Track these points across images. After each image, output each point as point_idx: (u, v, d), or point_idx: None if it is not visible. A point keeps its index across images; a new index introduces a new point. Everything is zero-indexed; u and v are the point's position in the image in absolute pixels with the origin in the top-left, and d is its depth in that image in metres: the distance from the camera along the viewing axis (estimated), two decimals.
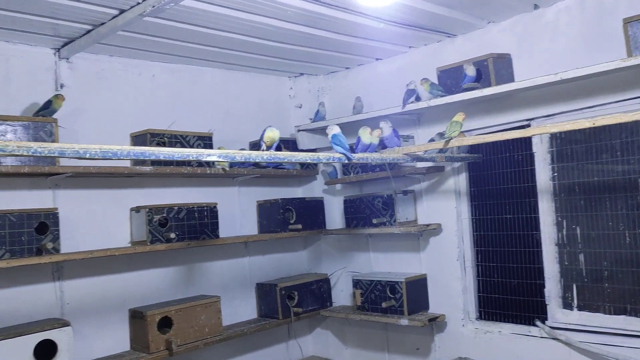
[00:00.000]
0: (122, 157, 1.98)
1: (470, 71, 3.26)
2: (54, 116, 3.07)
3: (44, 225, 2.97)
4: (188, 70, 3.89)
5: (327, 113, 4.25)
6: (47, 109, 3.03)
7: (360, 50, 3.88)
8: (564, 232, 3.30)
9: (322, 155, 2.72)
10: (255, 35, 3.37)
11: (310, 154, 2.65)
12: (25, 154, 1.76)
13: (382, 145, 3.21)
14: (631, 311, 3.05)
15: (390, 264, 4.12)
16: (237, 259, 4.09)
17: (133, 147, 2.02)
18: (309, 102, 4.50)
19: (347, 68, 4.35)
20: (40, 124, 2.98)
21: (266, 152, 2.50)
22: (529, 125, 3.32)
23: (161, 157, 2.10)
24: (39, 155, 1.80)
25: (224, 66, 4.03)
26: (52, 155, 1.83)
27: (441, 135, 3.51)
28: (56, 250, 2.98)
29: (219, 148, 3.46)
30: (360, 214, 3.98)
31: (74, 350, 2.98)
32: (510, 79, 3.31)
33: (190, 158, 2.20)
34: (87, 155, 1.89)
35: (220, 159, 2.32)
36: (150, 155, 2.07)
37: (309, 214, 4.21)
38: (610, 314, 3.12)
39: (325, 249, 4.51)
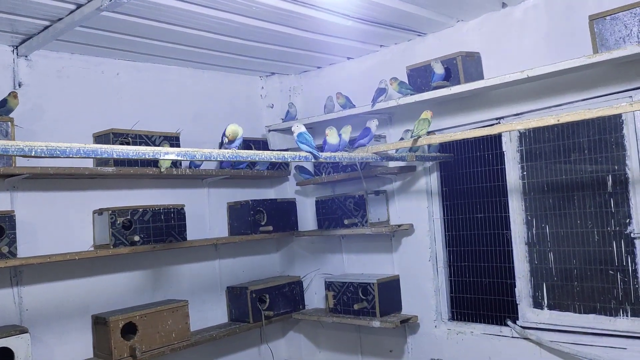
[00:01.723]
0: (71, 155, 1.89)
1: (438, 69, 3.23)
2: (11, 115, 2.96)
3: (0, 228, 2.85)
4: (154, 68, 3.80)
5: (299, 113, 4.20)
6: (3, 107, 2.92)
7: (331, 49, 3.83)
8: (534, 231, 3.29)
9: (287, 154, 2.66)
10: (223, 33, 3.31)
11: (275, 152, 2.59)
12: None
13: (354, 144, 3.18)
14: (600, 310, 3.04)
15: (363, 266, 4.07)
16: (207, 262, 4.00)
17: (84, 145, 1.93)
18: (281, 102, 4.44)
19: (319, 67, 4.30)
20: None
21: (229, 150, 2.43)
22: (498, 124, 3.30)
23: (114, 156, 2.02)
24: None
25: (193, 65, 3.95)
26: None
27: (407, 131, 3.49)
28: (12, 254, 2.87)
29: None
30: (332, 214, 3.93)
31: (32, 358, 2.86)
32: (480, 77, 3.29)
33: (147, 157, 2.12)
34: (33, 153, 1.79)
35: (180, 158, 2.24)
36: (102, 153, 1.98)
37: (281, 216, 4.14)
38: (580, 312, 3.12)
39: (297, 251, 4.44)
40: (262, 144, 4.19)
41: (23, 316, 3.09)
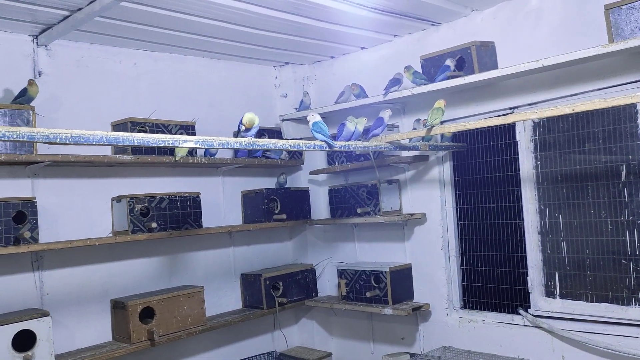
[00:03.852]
0: (94, 143, 1.94)
1: (450, 62, 3.25)
2: (32, 104, 3.02)
3: (22, 214, 2.93)
4: (171, 58, 3.85)
5: (313, 102, 4.23)
6: (24, 96, 2.98)
7: (345, 39, 3.85)
8: (547, 221, 3.30)
9: (302, 143, 2.69)
10: (238, 23, 3.34)
11: (290, 141, 2.62)
12: None
13: (367, 134, 3.21)
14: (613, 299, 3.06)
15: (375, 254, 4.11)
16: (221, 249, 4.07)
17: (106, 132, 1.98)
18: (295, 92, 4.47)
19: (333, 57, 4.32)
20: (17, 112, 2.93)
21: (245, 139, 2.47)
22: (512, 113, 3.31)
23: (135, 143, 2.07)
24: (7, 139, 1.76)
25: (208, 55, 3.99)
26: (21, 139, 1.79)
27: (418, 121, 3.52)
28: (34, 239, 2.94)
29: None
30: (345, 203, 3.97)
31: (53, 340, 2.95)
32: (494, 66, 3.29)
33: (166, 144, 2.17)
34: (58, 140, 1.85)
35: (198, 145, 2.28)
36: (124, 140, 2.04)
37: (294, 204, 4.19)
38: (592, 301, 3.13)
39: (310, 239, 4.50)
40: (275, 133, 4.23)
41: (44, 300, 3.18)
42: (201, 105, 3.99)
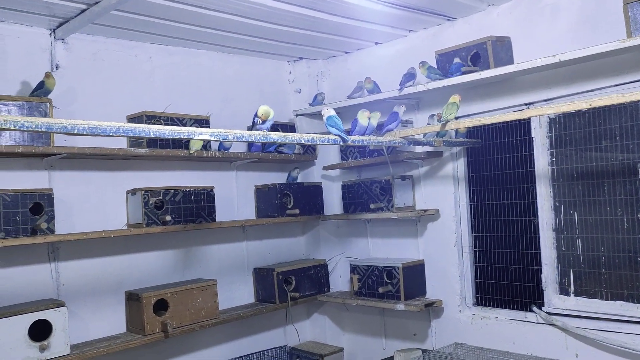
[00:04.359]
0: (111, 134, 1.96)
1: (457, 59, 3.24)
2: (49, 97, 3.06)
3: (39, 205, 2.97)
4: (185, 52, 3.87)
5: (327, 98, 4.22)
6: (41, 89, 3.02)
7: (359, 33, 3.84)
8: (562, 218, 3.27)
9: (317, 137, 2.70)
10: (253, 17, 3.35)
11: (305, 135, 2.63)
12: (12, 127, 1.74)
13: (381, 129, 3.20)
14: (628, 297, 3.02)
15: (388, 250, 4.11)
16: (234, 244, 4.09)
17: (122, 124, 2.00)
18: (308, 87, 4.47)
19: (347, 52, 4.31)
20: (35, 104, 2.97)
21: (260, 132, 2.48)
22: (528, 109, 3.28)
23: (152, 135, 2.08)
24: (26, 129, 1.78)
25: (222, 49, 4.00)
26: (40, 130, 1.81)
27: (433, 116, 3.50)
28: (51, 230, 2.98)
29: None
30: (358, 199, 3.97)
31: (69, 330, 2.98)
32: (510, 62, 3.27)
33: (182, 136, 2.18)
34: (75, 131, 1.87)
35: (213, 138, 2.30)
36: (140, 132, 2.05)
37: (307, 199, 4.19)
38: (607, 299, 3.10)
39: (323, 234, 4.50)
40: (289, 129, 4.23)
41: (60, 291, 3.22)
42: (215, 99, 4.00)
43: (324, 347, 4.30)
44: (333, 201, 4.37)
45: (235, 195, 4.09)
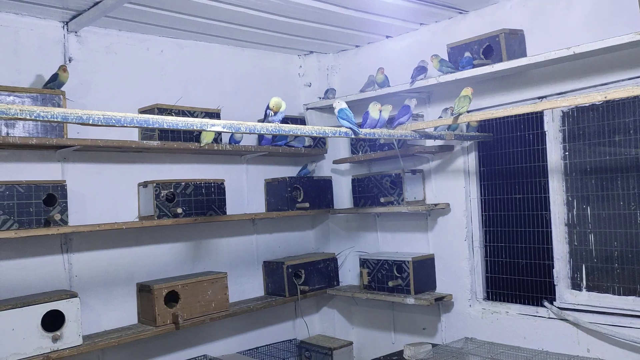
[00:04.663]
0: (125, 125, 1.98)
1: (467, 54, 3.23)
2: (62, 89, 3.08)
3: (52, 197, 2.99)
4: (197, 46, 3.87)
5: (337, 93, 4.22)
6: (54, 81, 3.04)
7: (370, 27, 3.83)
8: (574, 212, 3.25)
9: (328, 129, 2.69)
10: (264, 10, 3.34)
11: (316, 127, 2.62)
12: (27, 117, 1.76)
13: (393, 122, 3.19)
14: None
15: (398, 244, 4.10)
16: (244, 237, 4.10)
17: (136, 115, 2.01)
18: (319, 81, 4.47)
19: (357, 46, 4.30)
20: (49, 96, 2.99)
21: (272, 124, 2.48)
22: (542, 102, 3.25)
23: (165, 126, 2.09)
24: (41, 119, 1.79)
25: (233, 43, 4.01)
26: (55, 120, 1.83)
27: (446, 110, 3.48)
28: (64, 222, 3.00)
29: None
30: (368, 193, 3.96)
31: (81, 321, 3.01)
32: (523, 55, 3.24)
33: (195, 127, 2.19)
34: (90, 121, 1.89)
35: (225, 130, 2.30)
36: (154, 123, 2.06)
37: (317, 193, 4.19)
38: (619, 294, 3.08)
39: (333, 228, 4.50)
40: (299, 122, 4.23)
41: (72, 281, 3.25)
42: (226, 93, 4.01)
43: (333, 340, 4.30)
44: (343, 195, 4.37)
45: (245, 188, 4.10)
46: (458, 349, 3.48)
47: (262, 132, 2.50)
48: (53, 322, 2.92)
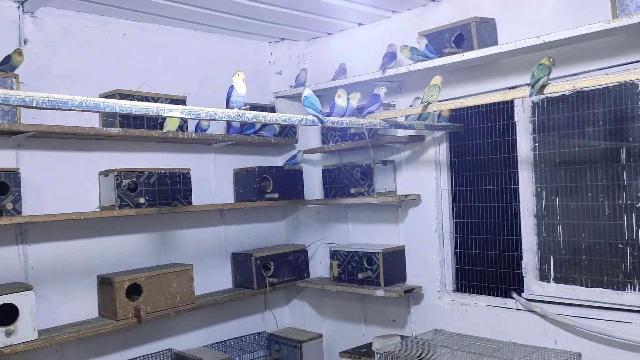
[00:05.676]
0: (73, 108, 1.87)
1: (422, 45, 3.20)
2: (16, 72, 2.92)
3: (4, 185, 2.85)
4: (161, 30, 3.74)
5: (308, 80, 4.12)
6: (7, 64, 2.88)
7: (342, 13, 3.74)
8: (543, 204, 3.23)
9: (294, 117, 2.62)
10: None
11: (281, 115, 2.54)
12: None
13: (362, 111, 3.13)
14: (608, 283, 3.00)
15: (368, 235, 4.05)
16: (212, 228, 4.00)
17: (86, 98, 1.90)
18: (290, 69, 4.37)
19: (329, 34, 4.21)
20: (0, 80, 2.83)
21: (233, 110, 2.39)
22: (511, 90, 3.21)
23: (117, 110, 1.99)
24: None
25: (201, 27, 3.88)
26: None
27: (418, 99, 3.43)
28: (17, 211, 2.86)
29: None
30: (339, 184, 3.90)
31: (37, 315, 2.89)
32: (494, 44, 3.19)
33: (150, 113, 2.09)
34: (34, 104, 1.77)
35: (183, 115, 2.20)
36: (105, 107, 1.96)
37: (287, 184, 4.11)
38: (587, 286, 3.08)
39: (303, 219, 4.43)
40: (269, 110, 4.13)
41: (28, 274, 3.12)
42: (193, 80, 3.88)
43: (303, 333, 4.25)
44: (313, 186, 4.29)
45: (213, 178, 3.99)
46: (427, 340, 3.45)
47: (224, 119, 2.41)
48: (6, 316, 2.80)
